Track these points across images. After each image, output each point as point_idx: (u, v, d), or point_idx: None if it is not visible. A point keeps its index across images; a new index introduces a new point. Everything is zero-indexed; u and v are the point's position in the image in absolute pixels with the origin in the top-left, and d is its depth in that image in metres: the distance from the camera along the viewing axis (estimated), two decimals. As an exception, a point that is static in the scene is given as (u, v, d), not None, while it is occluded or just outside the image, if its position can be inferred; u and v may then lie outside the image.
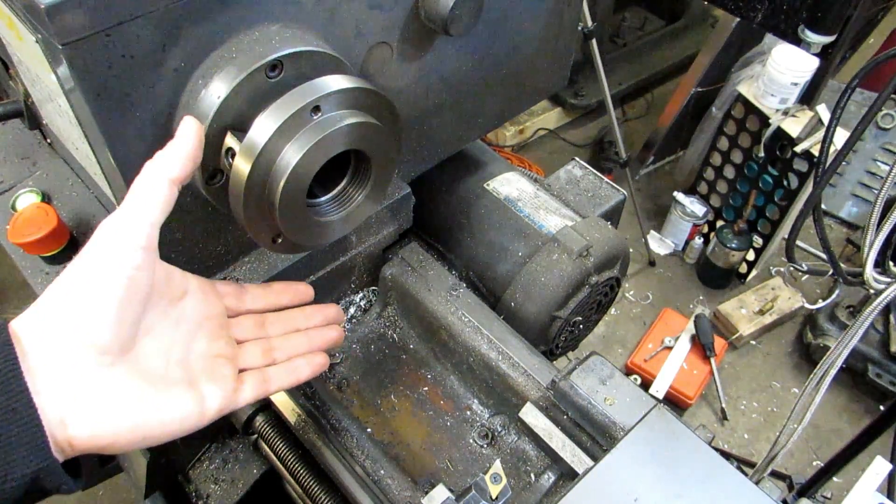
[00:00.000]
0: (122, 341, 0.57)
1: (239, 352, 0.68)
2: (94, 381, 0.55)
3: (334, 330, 0.77)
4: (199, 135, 0.61)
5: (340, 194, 0.75)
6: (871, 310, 1.17)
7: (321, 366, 0.73)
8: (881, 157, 2.94)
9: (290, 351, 0.72)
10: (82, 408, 0.54)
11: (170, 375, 0.60)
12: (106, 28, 0.55)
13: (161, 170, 0.59)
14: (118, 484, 1.90)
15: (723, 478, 0.72)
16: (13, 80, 0.83)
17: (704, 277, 3.01)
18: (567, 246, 0.98)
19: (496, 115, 1.05)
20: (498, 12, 0.88)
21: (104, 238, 0.57)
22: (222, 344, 0.67)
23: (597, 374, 0.85)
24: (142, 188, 0.58)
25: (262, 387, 0.67)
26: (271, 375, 0.69)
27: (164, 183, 0.58)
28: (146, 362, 0.59)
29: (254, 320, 0.72)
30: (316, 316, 0.77)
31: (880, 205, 1.08)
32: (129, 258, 0.56)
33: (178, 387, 0.60)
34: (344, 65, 0.69)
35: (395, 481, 0.82)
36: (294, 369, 0.71)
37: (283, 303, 0.76)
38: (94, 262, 0.56)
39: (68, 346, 0.54)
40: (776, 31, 1.62)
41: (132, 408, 0.56)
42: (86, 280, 0.55)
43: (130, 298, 0.56)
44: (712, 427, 2.56)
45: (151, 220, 0.58)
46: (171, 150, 0.59)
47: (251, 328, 0.71)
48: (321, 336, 0.75)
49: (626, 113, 3.70)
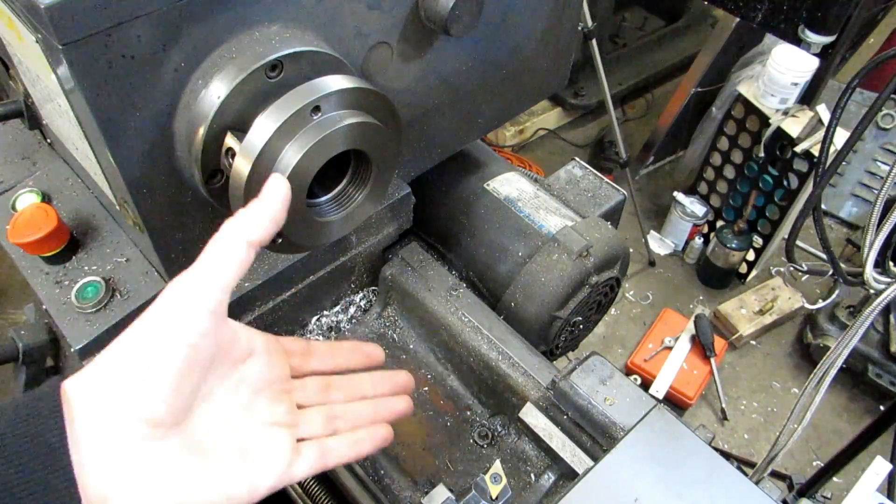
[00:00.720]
0: (177, 413, 0.52)
1: (300, 418, 0.62)
2: (141, 457, 0.50)
3: (403, 401, 0.70)
4: (287, 196, 0.57)
5: (340, 194, 0.75)
6: (871, 310, 1.17)
7: (385, 440, 0.66)
8: (881, 157, 2.94)
9: (354, 421, 0.66)
10: (126, 485, 0.50)
11: (223, 446, 0.55)
12: (106, 28, 0.55)
13: (240, 231, 0.55)
14: (118, 484, 1.90)
15: (723, 478, 0.72)
16: (13, 80, 0.83)
17: (704, 277, 3.01)
18: (567, 246, 0.98)
19: (496, 115, 1.05)
20: (498, 12, 0.88)
21: (171, 299, 0.52)
22: (283, 410, 0.61)
23: (597, 374, 0.85)
24: (218, 249, 0.54)
25: (320, 461, 0.61)
26: (331, 448, 0.63)
27: (243, 245, 0.54)
28: (200, 433, 0.54)
29: (318, 383, 0.66)
30: (385, 383, 0.70)
31: (880, 205, 1.08)
32: (196, 324, 0.52)
33: (230, 460, 0.55)
34: (344, 65, 0.69)
35: (395, 481, 0.82)
36: (356, 442, 0.64)
37: (352, 365, 0.70)
38: (158, 324, 0.52)
39: (119, 417, 0.50)
40: (776, 31, 1.63)
41: (179, 484, 0.52)
42: (146, 344, 0.51)
43: (192, 368, 0.52)
44: (712, 427, 2.56)
45: (224, 284, 0.53)
46: (256, 210, 0.56)
47: (315, 392, 0.65)
48: (388, 406, 0.68)
49: (626, 113, 3.70)
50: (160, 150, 0.66)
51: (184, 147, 0.67)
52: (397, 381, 0.71)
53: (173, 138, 0.66)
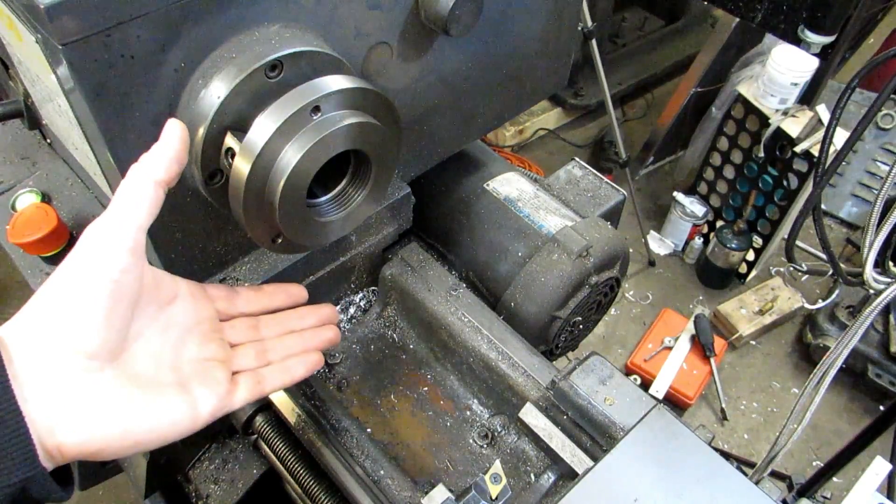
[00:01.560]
0: (111, 346, 0.56)
1: (232, 354, 0.68)
2: (82, 387, 0.54)
3: (330, 330, 0.76)
4: (184, 136, 0.60)
5: (340, 194, 0.75)
6: (870, 310, 1.17)
7: (316, 364, 0.72)
8: (881, 157, 2.95)
9: (285, 352, 0.71)
10: (71, 414, 0.53)
11: (160, 379, 0.60)
12: (106, 28, 0.55)
13: (146, 172, 0.58)
14: (118, 484, 1.90)
15: (723, 478, 0.72)
16: (13, 80, 0.83)
17: (704, 277, 3.01)
18: (567, 246, 0.98)
19: (496, 115, 1.05)
20: (498, 12, 0.88)
21: (90, 242, 0.56)
22: (214, 347, 0.66)
23: (597, 374, 0.85)
24: (127, 191, 0.58)
25: (256, 387, 0.67)
26: (265, 375, 0.68)
27: (150, 185, 0.58)
28: (136, 367, 0.58)
29: (247, 323, 0.71)
30: (310, 317, 0.76)
31: (880, 205, 1.08)
32: (116, 261, 0.55)
33: (169, 391, 0.59)
34: (344, 65, 0.69)
35: (394, 481, 0.82)
36: (288, 368, 0.70)
37: (277, 305, 0.75)
38: (80, 266, 0.55)
39: (56, 353, 0.53)
40: (776, 32, 1.63)
41: (122, 413, 0.55)
42: (72, 284, 0.55)
43: (118, 302, 0.56)
44: (712, 427, 2.56)
45: (138, 223, 0.57)
46: (156, 152, 0.59)
47: (244, 331, 0.70)
48: (316, 336, 0.75)
49: (626, 113, 3.71)
50: (160, 150, 0.66)
51: (184, 147, 0.67)
52: (322, 314, 0.77)
53: (173, 138, 0.66)
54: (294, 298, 0.76)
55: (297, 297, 0.77)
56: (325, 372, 0.98)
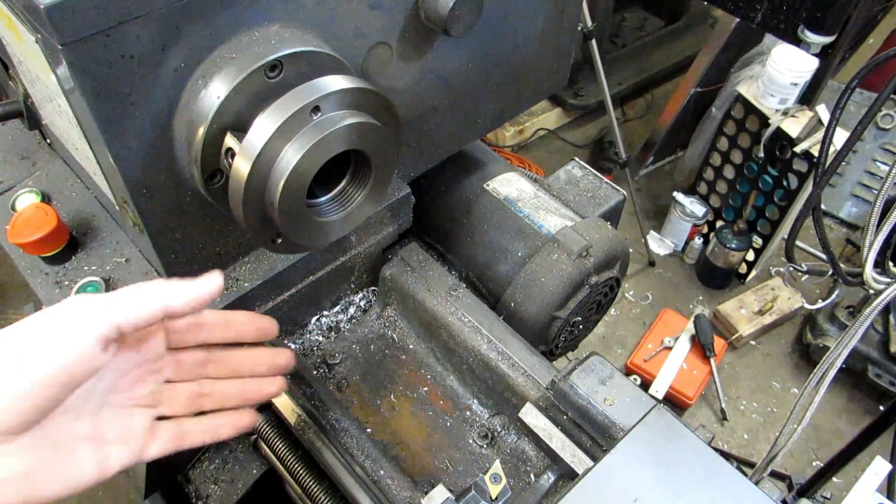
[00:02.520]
0: (31, 423, 0.51)
1: (164, 395, 0.63)
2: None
3: (275, 384, 0.71)
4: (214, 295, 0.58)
5: (340, 194, 0.75)
6: (870, 310, 1.17)
7: (245, 427, 0.68)
8: (881, 158, 2.94)
9: (221, 401, 0.67)
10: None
11: (76, 433, 0.55)
12: (106, 28, 0.55)
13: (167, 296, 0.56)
14: (118, 484, 1.90)
15: (722, 478, 0.72)
16: (13, 80, 0.83)
17: (704, 278, 3.01)
18: (567, 246, 0.98)
19: (496, 115, 1.05)
20: (498, 12, 0.88)
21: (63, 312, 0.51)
22: (146, 391, 0.61)
23: (596, 374, 0.85)
24: (140, 293, 0.55)
25: (174, 442, 0.63)
26: (188, 430, 0.64)
27: (158, 305, 0.55)
28: (51, 428, 0.53)
29: (196, 358, 0.65)
30: (264, 362, 0.70)
31: (880, 205, 1.08)
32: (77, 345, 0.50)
33: (81, 449, 0.55)
34: (344, 65, 0.70)
35: (394, 481, 0.82)
36: (215, 428, 0.66)
37: (243, 339, 0.69)
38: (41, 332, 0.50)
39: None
40: (776, 32, 1.62)
41: (24, 480, 0.52)
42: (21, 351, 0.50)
43: (59, 390, 0.50)
44: (712, 427, 2.56)
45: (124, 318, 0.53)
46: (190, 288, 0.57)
47: (190, 368, 0.65)
48: (257, 389, 0.69)
49: (626, 113, 3.70)
50: (160, 151, 0.66)
51: (183, 147, 0.67)
52: (278, 362, 0.71)
53: (173, 138, 0.66)
54: (262, 333, 0.70)
55: (267, 332, 0.70)
56: (325, 372, 0.98)
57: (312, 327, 1.00)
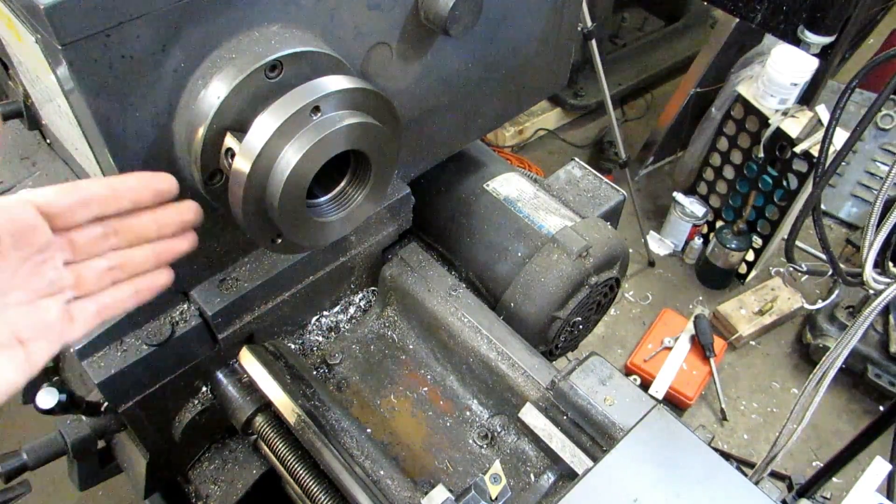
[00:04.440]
0: None
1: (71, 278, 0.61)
2: None
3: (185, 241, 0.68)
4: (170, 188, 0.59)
5: (340, 194, 0.75)
6: (870, 310, 1.17)
7: (163, 286, 0.66)
8: (880, 158, 2.94)
9: (134, 268, 0.65)
10: None
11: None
12: (106, 28, 0.55)
13: None
14: (118, 484, 1.90)
15: (722, 478, 0.72)
16: (13, 80, 0.83)
17: (704, 278, 3.01)
18: (566, 246, 0.98)
19: (496, 115, 1.05)
20: (498, 12, 0.88)
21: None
22: (43, 282, 0.59)
23: (596, 374, 0.85)
24: None
25: (96, 318, 0.62)
26: (107, 303, 0.63)
27: None
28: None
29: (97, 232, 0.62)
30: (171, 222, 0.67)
31: (880, 205, 1.08)
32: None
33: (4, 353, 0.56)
34: (344, 65, 0.70)
35: (394, 481, 0.82)
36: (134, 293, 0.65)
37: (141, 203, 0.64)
38: None
39: None
40: (776, 32, 1.63)
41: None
42: None
43: None
44: (712, 427, 2.56)
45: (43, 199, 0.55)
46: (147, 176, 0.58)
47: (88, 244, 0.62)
48: (169, 249, 0.67)
49: (626, 113, 3.70)
50: (159, 151, 0.66)
51: (183, 147, 0.67)
52: (185, 218, 0.67)
53: (173, 138, 0.66)
54: (160, 195, 0.65)
55: (165, 193, 0.65)
56: (325, 372, 0.98)
57: (312, 327, 1.00)
